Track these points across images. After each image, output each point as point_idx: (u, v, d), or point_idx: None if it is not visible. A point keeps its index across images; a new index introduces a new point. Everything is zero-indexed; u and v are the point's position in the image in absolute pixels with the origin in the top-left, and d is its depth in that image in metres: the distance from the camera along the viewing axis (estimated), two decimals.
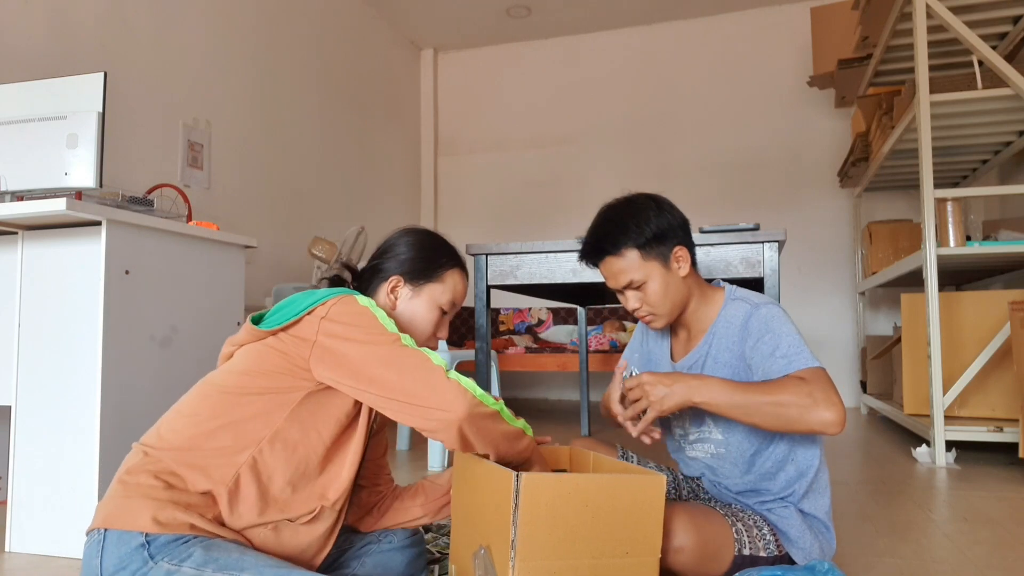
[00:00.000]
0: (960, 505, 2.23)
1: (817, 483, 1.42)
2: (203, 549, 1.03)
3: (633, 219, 1.40)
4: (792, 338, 1.32)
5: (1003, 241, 3.03)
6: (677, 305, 1.44)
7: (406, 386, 1.10)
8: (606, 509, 1.15)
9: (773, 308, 1.38)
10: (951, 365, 3.03)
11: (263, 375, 1.15)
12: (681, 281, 1.43)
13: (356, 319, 1.15)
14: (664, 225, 1.40)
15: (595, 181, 5.69)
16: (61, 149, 1.86)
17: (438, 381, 1.10)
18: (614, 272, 1.42)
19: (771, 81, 5.30)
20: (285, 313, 1.17)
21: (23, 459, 1.80)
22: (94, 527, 1.08)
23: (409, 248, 1.36)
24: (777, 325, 1.34)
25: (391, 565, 1.35)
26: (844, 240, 5.13)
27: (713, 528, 1.33)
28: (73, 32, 2.95)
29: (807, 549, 1.38)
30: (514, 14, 5.45)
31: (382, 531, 1.40)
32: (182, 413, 1.15)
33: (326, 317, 1.14)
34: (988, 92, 2.97)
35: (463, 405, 1.09)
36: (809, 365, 1.28)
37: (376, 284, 1.34)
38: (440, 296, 1.34)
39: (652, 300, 1.41)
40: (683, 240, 1.43)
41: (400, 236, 1.39)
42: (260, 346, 1.17)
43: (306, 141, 4.54)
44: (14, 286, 1.85)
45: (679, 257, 1.42)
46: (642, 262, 1.39)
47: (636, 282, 1.41)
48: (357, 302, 1.17)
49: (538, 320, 5.31)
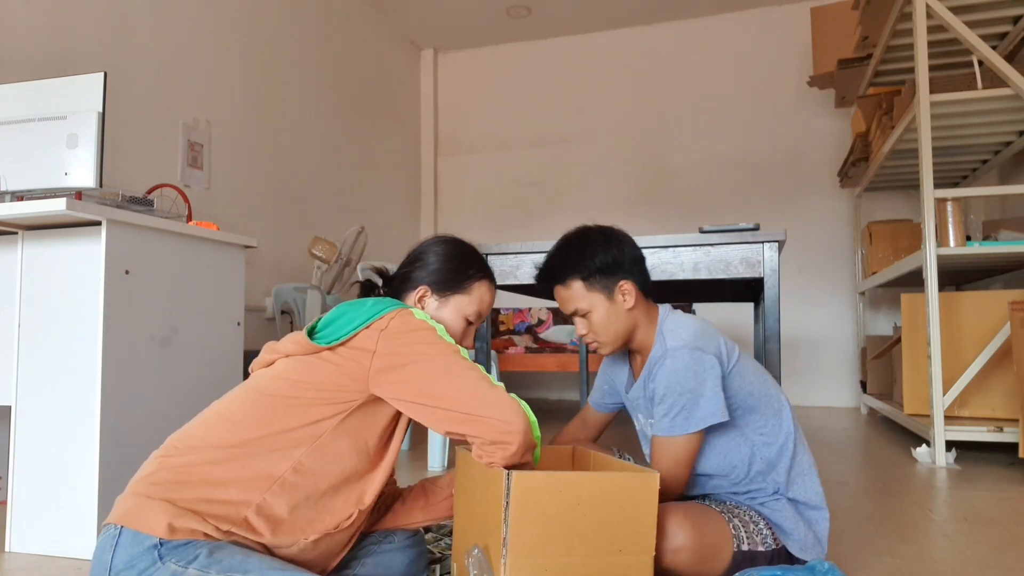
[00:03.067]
0: (960, 505, 2.23)
1: (796, 468, 1.45)
2: (208, 551, 1.04)
3: (580, 252, 1.48)
4: (682, 399, 1.36)
5: (1003, 241, 3.03)
6: (620, 335, 1.49)
7: (471, 400, 1.12)
8: (598, 507, 1.15)
9: (678, 358, 1.39)
10: (951, 365, 3.03)
11: (316, 387, 1.15)
12: (626, 313, 1.48)
13: (417, 334, 1.16)
14: (609, 260, 1.46)
15: (595, 181, 5.69)
16: (61, 149, 1.86)
17: (500, 396, 1.13)
18: (562, 299, 1.51)
19: (771, 81, 5.30)
20: (340, 326, 1.17)
21: (23, 459, 1.79)
22: (111, 521, 1.08)
23: (438, 258, 1.37)
24: (673, 381, 1.37)
25: (392, 565, 1.35)
26: (844, 240, 5.13)
27: (710, 526, 1.35)
28: (73, 32, 2.95)
29: (802, 540, 1.40)
30: (514, 14, 5.44)
31: (383, 531, 1.40)
32: (224, 418, 1.15)
33: (386, 331, 1.15)
34: (988, 92, 2.97)
35: (522, 424, 1.11)
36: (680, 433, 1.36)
37: (405, 292, 1.36)
38: (467, 307, 1.35)
39: (595, 329, 1.48)
40: (630, 274, 1.48)
41: (430, 245, 1.40)
42: (312, 359, 1.17)
43: (306, 141, 4.54)
44: (14, 286, 1.85)
45: (624, 291, 1.47)
46: (586, 293, 1.47)
47: (581, 311, 1.48)
48: (414, 316, 1.19)
49: (538, 320, 5.31)
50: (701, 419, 1.35)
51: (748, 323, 5.26)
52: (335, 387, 1.15)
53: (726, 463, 1.44)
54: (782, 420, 1.45)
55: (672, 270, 2.04)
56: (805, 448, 1.48)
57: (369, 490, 1.20)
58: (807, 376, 5.15)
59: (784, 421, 1.45)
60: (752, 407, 1.43)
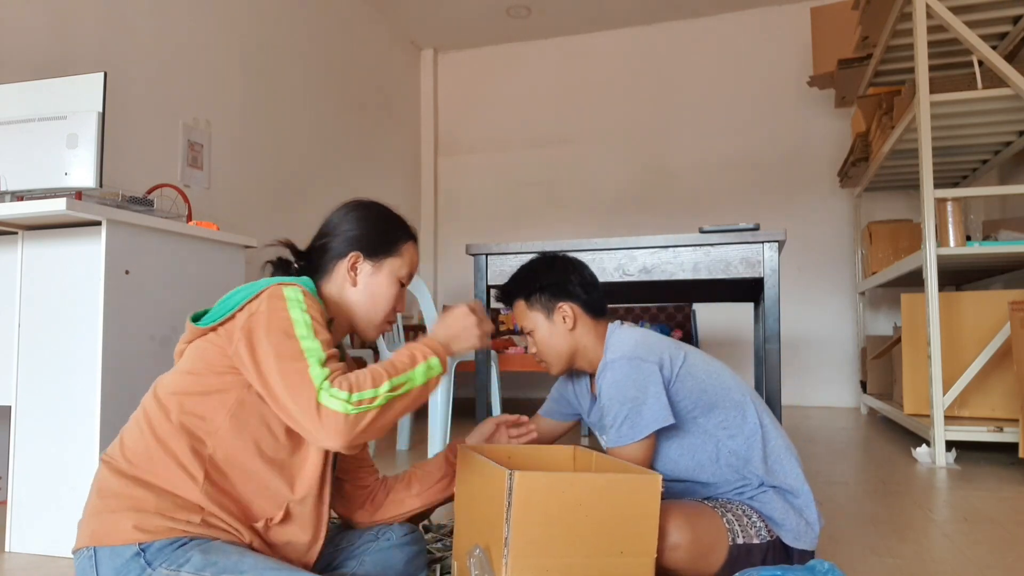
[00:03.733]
0: (960, 505, 2.23)
1: (772, 454, 1.46)
2: (201, 552, 1.03)
3: (527, 274, 1.60)
4: (626, 407, 1.41)
5: (1003, 241, 3.03)
6: (562, 355, 1.57)
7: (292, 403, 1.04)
8: (600, 508, 1.15)
9: (616, 369, 1.46)
10: (951, 365, 3.03)
11: (207, 373, 1.13)
12: (566, 334, 1.56)
13: (272, 321, 1.09)
14: (549, 283, 1.56)
15: (595, 181, 5.69)
16: (61, 149, 1.86)
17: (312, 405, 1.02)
18: (515, 317, 1.62)
19: (771, 81, 5.30)
20: (221, 308, 1.15)
21: (23, 459, 1.79)
22: (81, 546, 1.06)
23: (362, 223, 1.32)
24: (615, 391, 1.43)
25: (390, 563, 1.34)
26: (844, 240, 5.13)
27: (705, 522, 1.36)
28: (73, 32, 2.95)
29: (794, 529, 1.41)
30: (514, 14, 5.44)
31: (380, 529, 1.39)
32: (138, 421, 1.14)
33: (253, 315, 1.11)
34: (988, 92, 2.97)
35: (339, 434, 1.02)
36: (629, 442, 1.40)
37: (329, 263, 1.30)
38: (399, 269, 1.33)
39: (539, 347, 1.59)
40: (573, 297, 1.56)
41: (348, 212, 1.34)
42: (201, 343, 1.16)
43: (306, 141, 4.54)
44: (14, 286, 1.85)
45: (563, 313, 1.55)
46: (527, 312, 1.59)
47: (525, 329, 1.60)
48: (284, 299, 1.12)
49: None
50: (646, 425, 1.40)
51: (748, 323, 5.26)
52: (221, 370, 1.12)
53: (693, 462, 1.47)
54: (745, 411, 1.48)
55: (672, 270, 2.04)
56: (779, 433, 1.50)
57: (298, 480, 1.16)
58: (807, 376, 5.15)
59: (748, 412, 1.48)
60: (710, 403, 1.47)
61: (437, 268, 6.09)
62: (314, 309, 1.13)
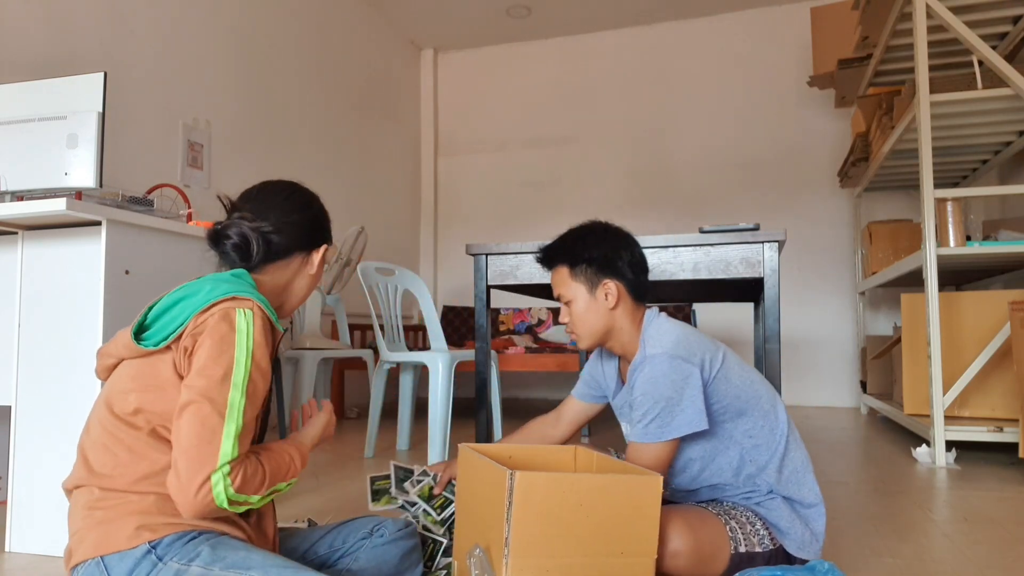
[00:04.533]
0: (960, 505, 2.23)
1: (789, 466, 1.44)
2: (210, 548, 1.04)
3: (577, 241, 1.50)
4: (658, 406, 1.35)
5: (1003, 241, 3.03)
6: (595, 332, 1.49)
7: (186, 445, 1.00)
8: (601, 509, 1.15)
9: (656, 364, 1.38)
10: (951, 365, 3.03)
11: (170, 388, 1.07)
12: (606, 312, 1.48)
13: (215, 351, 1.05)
14: (598, 255, 1.47)
15: (595, 181, 5.69)
16: (61, 149, 1.86)
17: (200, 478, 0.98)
18: (553, 283, 1.53)
19: (771, 81, 5.30)
20: (168, 324, 1.10)
21: (23, 459, 1.79)
22: (84, 558, 1.04)
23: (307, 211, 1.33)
24: (651, 388, 1.37)
25: (385, 559, 1.34)
26: (844, 240, 5.13)
27: (708, 529, 1.34)
28: (73, 32, 2.95)
29: (799, 539, 1.39)
30: (514, 14, 5.45)
31: (374, 525, 1.38)
32: (103, 445, 1.09)
33: (200, 334, 1.07)
34: (988, 92, 2.97)
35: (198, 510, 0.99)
36: (653, 440, 1.35)
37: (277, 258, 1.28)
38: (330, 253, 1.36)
39: (573, 319, 1.50)
40: (620, 276, 1.47)
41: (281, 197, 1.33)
42: (153, 361, 1.10)
43: (306, 141, 4.54)
44: (14, 286, 1.85)
45: (607, 290, 1.47)
46: (570, 281, 1.49)
47: (564, 298, 1.50)
48: (234, 330, 1.07)
49: (538, 320, 5.31)
50: (677, 428, 1.35)
51: (748, 323, 5.26)
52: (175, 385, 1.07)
53: (713, 465, 1.44)
54: (774, 421, 1.44)
55: (672, 270, 2.04)
56: (799, 446, 1.47)
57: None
58: (807, 376, 5.15)
59: (778, 421, 1.44)
60: (740, 410, 1.42)
61: (437, 268, 6.09)
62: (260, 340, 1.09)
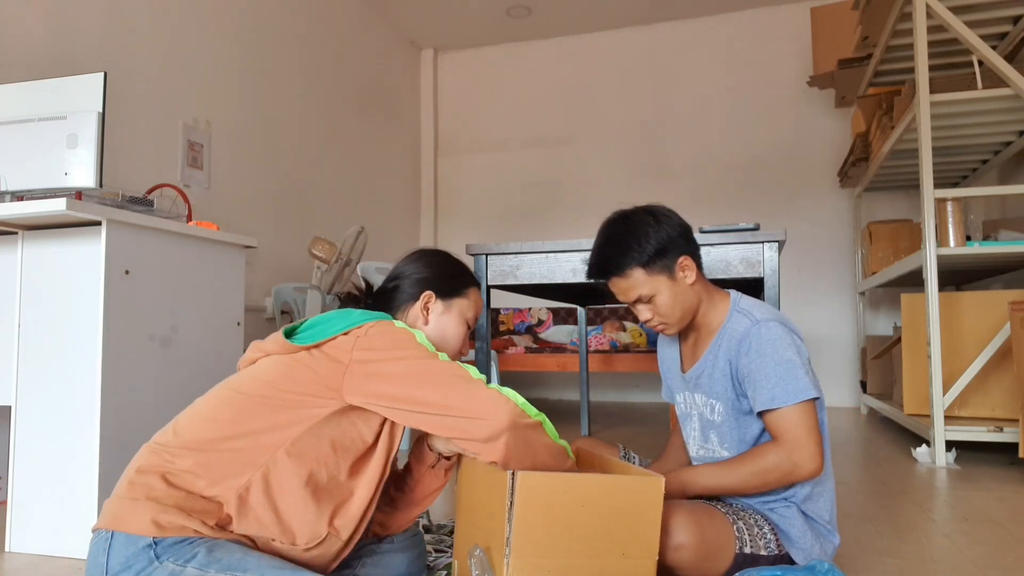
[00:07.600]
0: (960, 505, 2.23)
1: (819, 487, 1.43)
2: (207, 550, 1.05)
3: (634, 239, 1.42)
4: (782, 367, 1.33)
5: (1003, 241, 3.03)
6: (688, 312, 1.47)
7: (447, 399, 1.10)
8: (603, 509, 1.15)
9: (772, 328, 1.37)
10: (951, 365, 3.03)
11: (289, 389, 1.14)
12: (689, 289, 1.45)
13: (395, 340, 1.17)
14: (664, 239, 1.42)
15: (595, 181, 5.69)
16: (61, 149, 1.86)
17: (479, 391, 1.11)
18: (622, 289, 1.45)
19: (771, 81, 5.30)
20: (320, 331, 1.17)
21: (23, 459, 1.79)
22: (101, 527, 1.09)
23: (435, 267, 1.40)
24: (771, 349, 1.35)
25: (392, 566, 1.35)
26: (844, 240, 5.13)
27: (714, 526, 1.34)
28: (73, 32, 2.95)
29: (807, 549, 1.38)
30: (514, 14, 5.44)
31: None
32: (200, 415, 1.15)
33: (363, 337, 1.15)
34: (988, 92, 2.97)
35: (506, 414, 1.09)
36: (791, 402, 1.31)
37: (401, 303, 1.37)
38: (467, 311, 1.39)
39: (662, 311, 1.44)
40: (686, 249, 1.45)
41: (419, 257, 1.42)
42: (289, 359, 1.17)
43: (306, 141, 4.54)
44: (14, 286, 1.85)
45: (684, 267, 1.44)
46: (648, 278, 1.42)
47: (645, 296, 1.43)
48: (394, 325, 1.20)
49: (538, 320, 5.31)
50: (804, 389, 1.31)
51: None
52: (307, 391, 1.14)
53: None
54: (826, 442, 1.41)
55: None
56: (831, 475, 1.46)
57: (342, 512, 1.16)
58: None
59: (827, 444, 1.42)
60: None
61: None
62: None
